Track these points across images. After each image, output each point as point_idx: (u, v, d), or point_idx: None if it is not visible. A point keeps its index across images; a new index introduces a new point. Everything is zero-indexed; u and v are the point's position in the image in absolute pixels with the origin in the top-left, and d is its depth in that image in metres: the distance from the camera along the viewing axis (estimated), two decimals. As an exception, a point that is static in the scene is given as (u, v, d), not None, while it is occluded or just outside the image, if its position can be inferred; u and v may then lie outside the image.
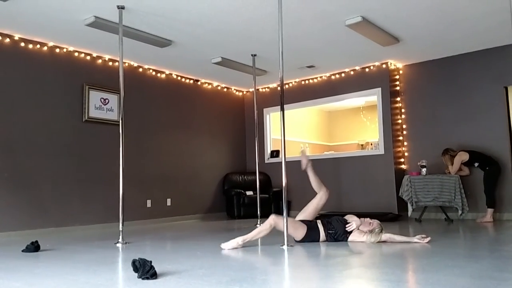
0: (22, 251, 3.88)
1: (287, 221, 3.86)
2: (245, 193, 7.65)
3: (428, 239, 3.86)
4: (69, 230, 5.68)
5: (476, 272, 2.58)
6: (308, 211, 4.21)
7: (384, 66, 7.00)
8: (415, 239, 3.86)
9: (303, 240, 4.01)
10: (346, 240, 3.99)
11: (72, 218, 5.76)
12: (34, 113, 5.56)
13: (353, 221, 4.03)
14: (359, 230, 3.99)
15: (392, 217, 6.32)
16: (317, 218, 4.30)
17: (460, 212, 5.90)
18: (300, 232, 3.99)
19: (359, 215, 4.22)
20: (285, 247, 3.73)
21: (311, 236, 4.02)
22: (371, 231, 3.92)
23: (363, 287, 2.35)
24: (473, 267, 2.72)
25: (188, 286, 2.36)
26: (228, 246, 3.78)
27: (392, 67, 7.06)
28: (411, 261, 3.14)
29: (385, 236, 3.91)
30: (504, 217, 6.05)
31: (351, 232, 3.99)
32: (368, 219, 4.06)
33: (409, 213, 6.30)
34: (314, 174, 4.35)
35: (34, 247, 3.87)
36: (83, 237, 5.09)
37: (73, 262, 3.29)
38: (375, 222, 4.00)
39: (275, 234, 4.49)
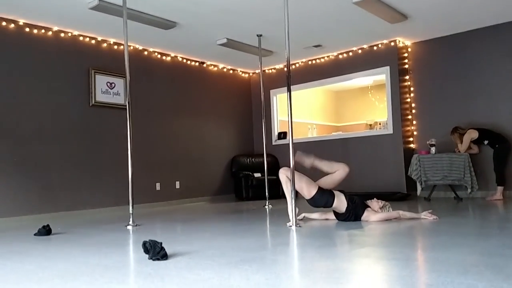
0: (34, 234, 3.93)
1: (295, 203, 3.87)
2: (253, 175, 7.66)
3: (434, 217, 3.96)
4: (80, 213, 5.75)
5: (486, 250, 2.57)
6: (323, 181, 4.14)
7: (392, 44, 6.89)
8: (422, 215, 4.01)
9: (314, 198, 4.00)
10: (361, 215, 4.02)
11: (82, 201, 5.83)
12: (41, 99, 5.58)
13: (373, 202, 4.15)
14: (372, 210, 4.08)
15: (401, 196, 6.31)
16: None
17: (469, 190, 5.87)
18: (312, 189, 4.00)
19: (368, 196, 4.25)
20: (293, 227, 3.75)
21: (324, 196, 3.99)
22: (382, 208, 4.08)
23: (371, 266, 2.35)
24: (483, 245, 2.71)
25: (199, 266, 2.38)
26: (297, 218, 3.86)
27: (401, 44, 6.94)
28: (420, 240, 3.14)
29: (397, 212, 4.04)
30: (514, 194, 6.02)
31: (367, 208, 4.06)
32: (374, 199, 4.19)
33: (418, 192, 6.28)
34: (322, 160, 4.22)
35: (45, 231, 3.93)
36: (94, 220, 5.15)
37: (84, 245, 3.33)
38: (380, 201, 4.16)
39: (282, 214, 4.51)
